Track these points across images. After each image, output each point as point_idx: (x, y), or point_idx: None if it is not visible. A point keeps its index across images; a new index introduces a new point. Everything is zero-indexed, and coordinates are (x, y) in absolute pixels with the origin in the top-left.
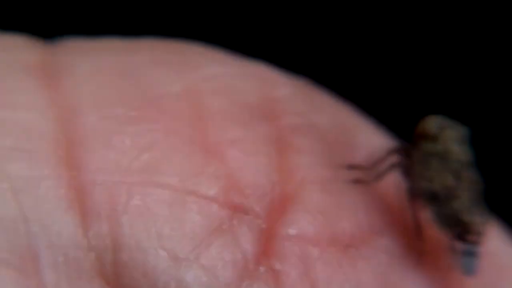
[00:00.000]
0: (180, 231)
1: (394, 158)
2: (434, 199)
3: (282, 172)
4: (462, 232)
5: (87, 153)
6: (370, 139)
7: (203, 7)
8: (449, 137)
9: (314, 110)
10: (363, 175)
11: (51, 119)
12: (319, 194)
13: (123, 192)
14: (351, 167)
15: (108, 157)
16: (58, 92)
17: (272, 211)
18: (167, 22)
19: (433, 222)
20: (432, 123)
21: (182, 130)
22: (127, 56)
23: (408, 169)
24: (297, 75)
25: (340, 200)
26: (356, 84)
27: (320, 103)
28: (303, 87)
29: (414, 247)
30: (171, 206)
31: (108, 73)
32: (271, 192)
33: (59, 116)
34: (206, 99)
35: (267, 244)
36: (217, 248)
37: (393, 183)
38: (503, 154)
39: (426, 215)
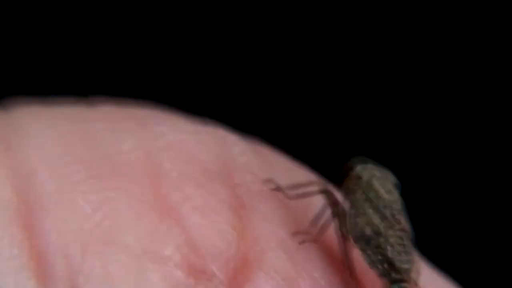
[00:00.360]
0: None
1: (328, 210)
2: (367, 244)
3: (239, 232)
4: (393, 274)
5: (44, 216)
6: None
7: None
8: (380, 184)
9: (268, 169)
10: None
11: (8, 187)
12: (282, 261)
13: (79, 254)
14: (297, 233)
15: (63, 219)
16: (12, 155)
17: (233, 276)
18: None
19: (366, 264)
20: (361, 170)
21: (136, 190)
22: (83, 123)
23: (339, 214)
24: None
25: (304, 266)
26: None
27: (273, 162)
28: (257, 146)
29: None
30: (128, 267)
31: (63, 138)
32: (231, 256)
33: (16, 183)
34: (160, 159)
35: None
36: None
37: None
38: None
39: (360, 257)
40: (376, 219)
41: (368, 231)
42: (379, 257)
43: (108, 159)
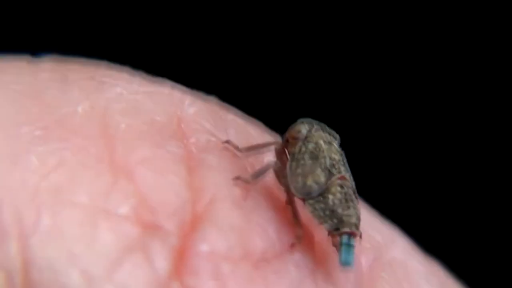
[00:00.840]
0: (92, 250)
1: (270, 158)
2: (308, 195)
3: (192, 190)
4: (338, 225)
5: None
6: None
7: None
8: (320, 137)
9: (222, 127)
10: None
11: None
12: (230, 211)
13: (33, 212)
14: (237, 178)
15: (15, 177)
16: None
17: (184, 229)
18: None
19: (311, 217)
20: (303, 125)
21: (90, 149)
22: (30, 76)
23: (282, 169)
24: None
25: (251, 216)
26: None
27: (229, 120)
28: (211, 105)
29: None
30: (82, 225)
31: (11, 93)
32: (181, 209)
33: None
34: (114, 119)
35: (180, 261)
36: (130, 266)
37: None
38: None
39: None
40: (316, 169)
41: (309, 181)
42: (327, 212)
43: (63, 118)
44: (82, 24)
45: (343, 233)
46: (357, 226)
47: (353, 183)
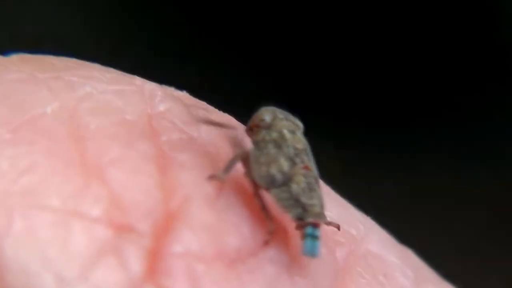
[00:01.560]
0: (65, 253)
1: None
2: (272, 184)
3: (165, 190)
4: (302, 214)
5: None
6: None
7: None
8: (283, 125)
9: (193, 124)
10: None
11: None
12: (203, 210)
13: (4, 215)
14: (210, 177)
15: None
16: None
17: (157, 229)
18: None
19: (276, 206)
20: (266, 114)
21: (60, 152)
22: (5, 83)
23: (247, 158)
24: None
25: (224, 215)
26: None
27: (200, 114)
28: (182, 101)
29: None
30: (55, 228)
31: None
32: (154, 210)
33: None
34: (84, 119)
35: (154, 262)
36: (103, 269)
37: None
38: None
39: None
40: (279, 159)
41: (272, 170)
42: (291, 201)
43: (31, 120)
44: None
45: (307, 223)
46: (321, 216)
47: (317, 173)
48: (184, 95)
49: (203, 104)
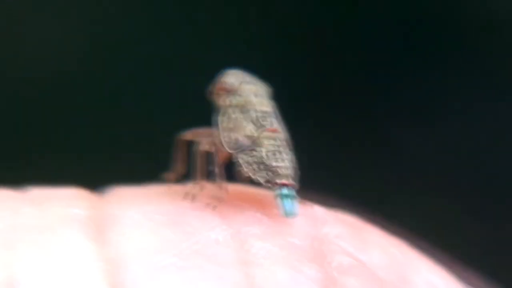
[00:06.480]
0: None
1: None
2: (240, 148)
3: None
4: (273, 177)
5: None
6: (426, 276)
7: None
8: (250, 89)
9: (363, 248)
10: None
11: (98, 272)
12: None
13: None
14: None
15: None
16: (104, 244)
17: None
18: None
19: (245, 171)
20: (232, 77)
21: (229, 277)
22: (171, 203)
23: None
24: None
25: None
26: None
27: (369, 239)
28: (352, 223)
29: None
30: None
31: (152, 221)
32: None
33: (105, 269)
34: (250, 243)
35: None
36: None
37: None
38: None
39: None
40: (245, 124)
41: (239, 135)
42: (261, 166)
43: (201, 245)
44: None
45: (279, 184)
46: (292, 177)
47: (286, 135)
48: (352, 218)
49: (375, 228)
